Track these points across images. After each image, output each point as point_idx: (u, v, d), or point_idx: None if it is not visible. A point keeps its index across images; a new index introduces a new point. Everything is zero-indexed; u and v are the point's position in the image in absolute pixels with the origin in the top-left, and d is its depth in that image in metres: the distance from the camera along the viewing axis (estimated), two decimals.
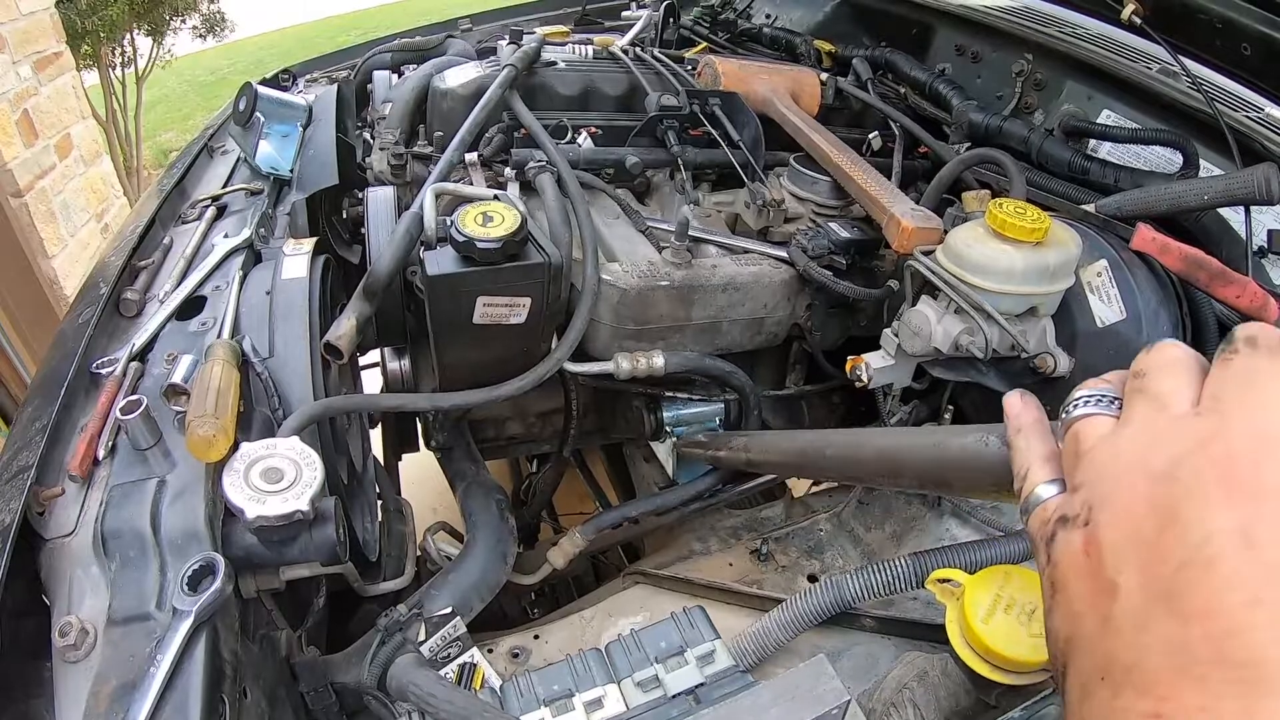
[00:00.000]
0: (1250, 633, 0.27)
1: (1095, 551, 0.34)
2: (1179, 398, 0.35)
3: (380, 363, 1.24)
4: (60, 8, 3.36)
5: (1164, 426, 0.34)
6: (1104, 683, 0.32)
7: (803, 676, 0.65)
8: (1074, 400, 0.41)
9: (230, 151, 1.52)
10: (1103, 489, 0.35)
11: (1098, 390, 0.40)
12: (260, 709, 0.67)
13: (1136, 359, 0.39)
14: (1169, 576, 0.30)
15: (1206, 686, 0.28)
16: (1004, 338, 0.93)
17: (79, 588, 0.66)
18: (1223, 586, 0.28)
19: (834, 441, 0.81)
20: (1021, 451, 0.43)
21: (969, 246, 0.92)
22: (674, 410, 1.19)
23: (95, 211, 3.35)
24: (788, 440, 0.94)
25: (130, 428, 0.74)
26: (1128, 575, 0.32)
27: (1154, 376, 0.36)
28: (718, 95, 1.26)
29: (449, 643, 0.84)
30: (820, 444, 0.83)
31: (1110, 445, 0.36)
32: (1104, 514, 0.34)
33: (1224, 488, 0.30)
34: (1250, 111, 1.07)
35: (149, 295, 1.03)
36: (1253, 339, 0.33)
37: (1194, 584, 0.29)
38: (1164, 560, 0.30)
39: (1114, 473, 0.35)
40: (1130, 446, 0.35)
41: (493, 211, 0.89)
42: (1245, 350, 0.33)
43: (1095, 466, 0.36)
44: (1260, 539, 0.28)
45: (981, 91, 1.40)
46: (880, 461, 0.70)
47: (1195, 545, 0.30)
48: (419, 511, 1.15)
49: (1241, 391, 0.32)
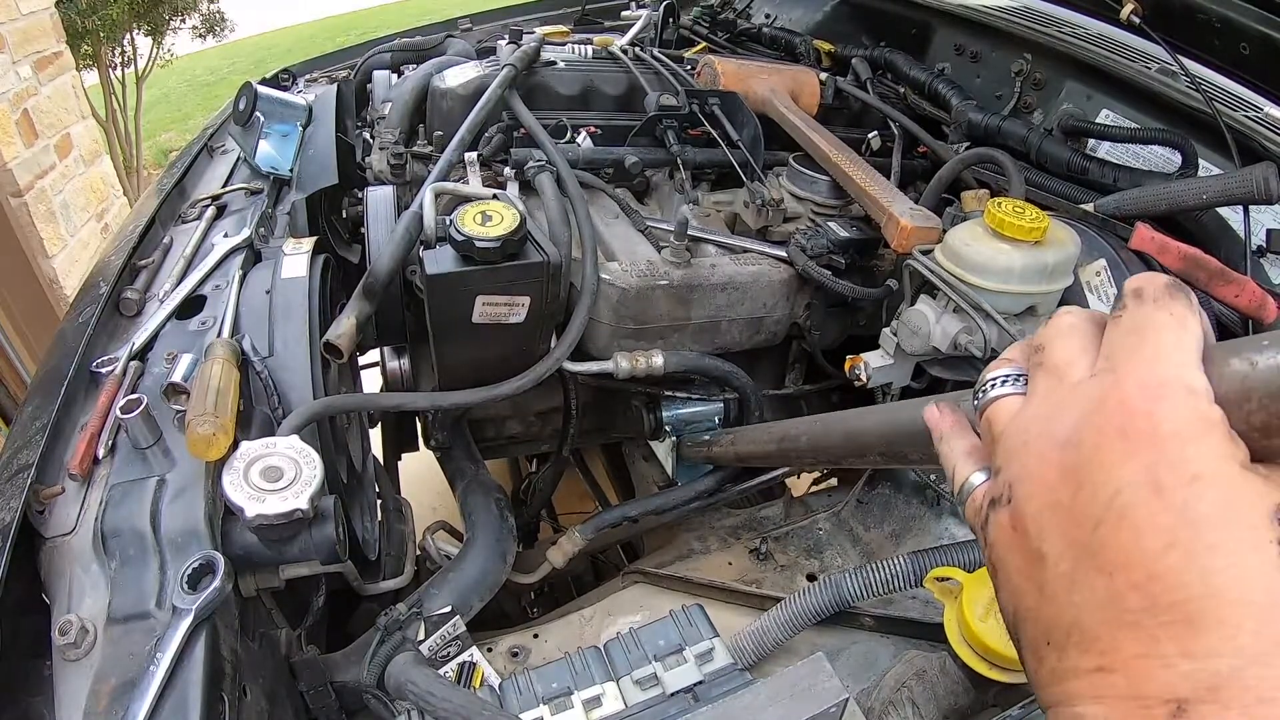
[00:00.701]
0: (1172, 574, 0.28)
1: (1020, 525, 0.35)
2: (1077, 365, 0.36)
3: (380, 362, 1.24)
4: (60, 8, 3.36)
5: (1064, 394, 0.35)
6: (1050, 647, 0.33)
7: (801, 675, 0.65)
8: (983, 384, 0.41)
9: (230, 151, 1.52)
10: (1017, 466, 0.36)
11: (1003, 371, 0.40)
12: (260, 707, 0.67)
13: (1037, 333, 0.39)
14: (1088, 536, 0.31)
15: (1142, 633, 0.29)
16: (1003, 337, 0.93)
17: (79, 586, 0.66)
18: (1138, 535, 0.29)
19: (806, 429, 0.83)
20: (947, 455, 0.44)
21: (968, 246, 0.92)
22: (673, 410, 1.19)
23: (95, 211, 3.35)
24: (766, 432, 0.96)
25: (130, 426, 0.75)
26: (1051, 541, 0.33)
27: (1051, 348, 0.37)
28: (717, 95, 1.26)
29: (448, 641, 0.84)
30: (795, 432, 0.86)
31: (1018, 423, 0.37)
32: (1021, 488, 0.35)
33: (1123, 440, 0.31)
34: (1249, 111, 1.07)
35: (149, 294, 1.03)
36: (1139, 291, 0.34)
37: (1111, 538, 0.30)
38: (1081, 522, 0.31)
39: (1025, 448, 0.36)
40: (1036, 420, 0.36)
41: (492, 211, 0.89)
42: (1132, 304, 0.34)
43: (1008, 446, 0.37)
44: (1165, 482, 0.29)
45: (981, 91, 1.40)
46: (847, 442, 0.72)
47: (1106, 501, 0.30)
48: (419, 511, 1.15)
49: (1131, 345, 0.33)
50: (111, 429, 0.78)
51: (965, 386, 1.04)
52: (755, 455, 1.01)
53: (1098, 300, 0.95)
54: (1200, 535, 0.28)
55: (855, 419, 0.72)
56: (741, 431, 1.05)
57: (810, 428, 0.83)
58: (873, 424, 0.66)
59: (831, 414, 0.82)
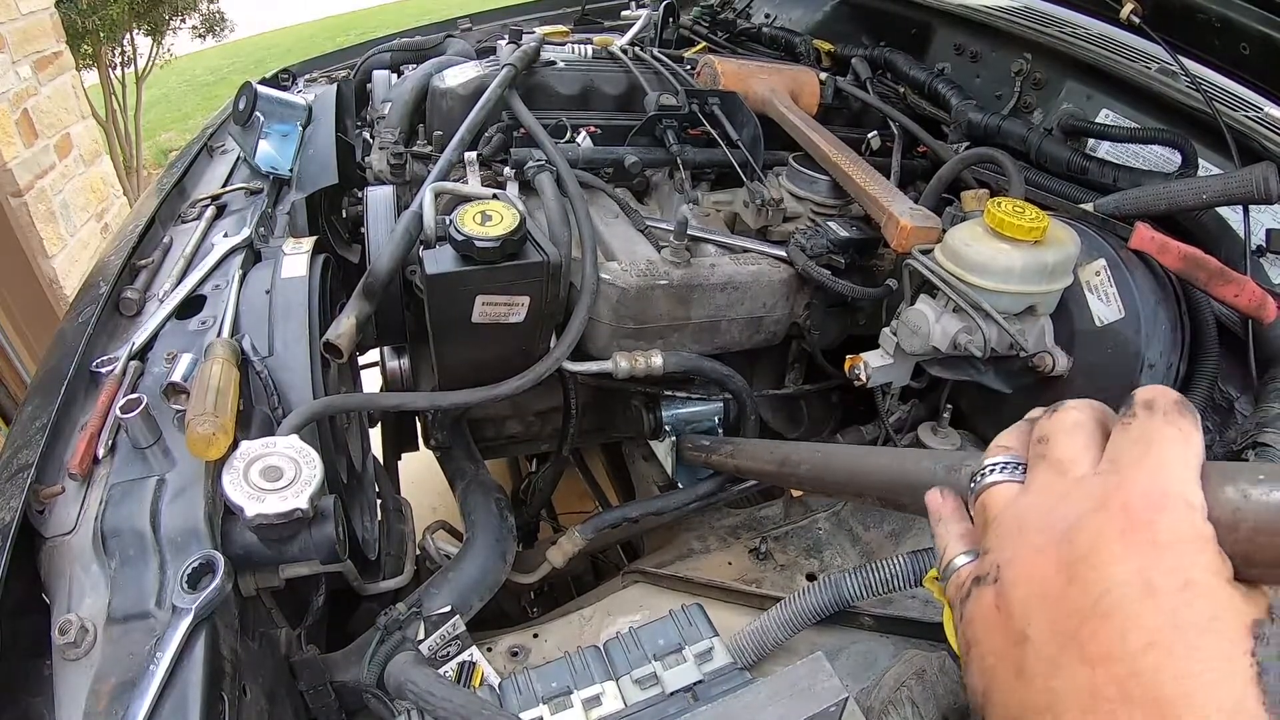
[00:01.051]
0: (1150, 673, 0.30)
1: (1005, 606, 0.36)
2: (1079, 462, 0.37)
3: (380, 362, 1.24)
4: (60, 8, 3.36)
5: (1064, 489, 0.36)
6: None
7: (801, 674, 0.65)
8: (981, 469, 0.43)
9: (230, 151, 1.52)
10: (1009, 551, 0.37)
11: (1002, 458, 0.42)
12: (260, 707, 0.67)
13: (1039, 423, 0.41)
14: (1075, 627, 0.32)
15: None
16: (1002, 337, 0.93)
17: (79, 586, 0.66)
18: (1123, 632, 0.31)
19: (808, 457, 0.85)
20: (941, 535, 0.46)
21: (967, 245, 0.92)
22: (673, 409, 1.19)
23: (95, 211, 3.35)
24: (768, 451, 0.97)
25: (130, 426, 0.75)
26: (1037, 627, 0.34)
27: (1055, 442, 0.39)
28: (717, 95, 1.26)
29: (448, 641, 0.84)
30: (796, 458, 0.87)
31: (1014, 510, 0.39)
32: (1011, 571, 0.36)
33: (1122, 542, 0.32)
34: (1249, 111, 1.07)
35: (149, 294, 1.03)
36: (1150, 403, 0.36)
37: (1098, 631, 0.32)
38: (1070, 613, 0.33)
39: (1019, 535, 0.37)
40: (1033, 510, 0.37)
41: (491, 210, 0.89)
42: (1142, 414, 0.36)
43: (1001, 531, 0.39)
44: (1157, 586, 0.31)
45: (980, 91, 1.40)
46: (847, 479, 0.74)
47: (1097, 596, 0.32)
48: (418, 510, 1.15)
49: (1138, 454, 0.34)
50: (111, 429, 0.78)
51: (964, 386, 1.05)
52: (754, 472, 1.01)
53: (1098, 300, 0.95)
54: (1183, 638, 0.30)
55: (859, 459, 0.73)
56: (742, 445, 1.05)
57: (812, 457, 0.84)
58: (875, 469, 0.68)
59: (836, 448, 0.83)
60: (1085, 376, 0.96)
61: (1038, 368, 0.96)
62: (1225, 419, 0.96)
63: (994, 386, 1.02)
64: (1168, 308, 0.93)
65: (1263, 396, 0.88)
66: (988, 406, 1.12)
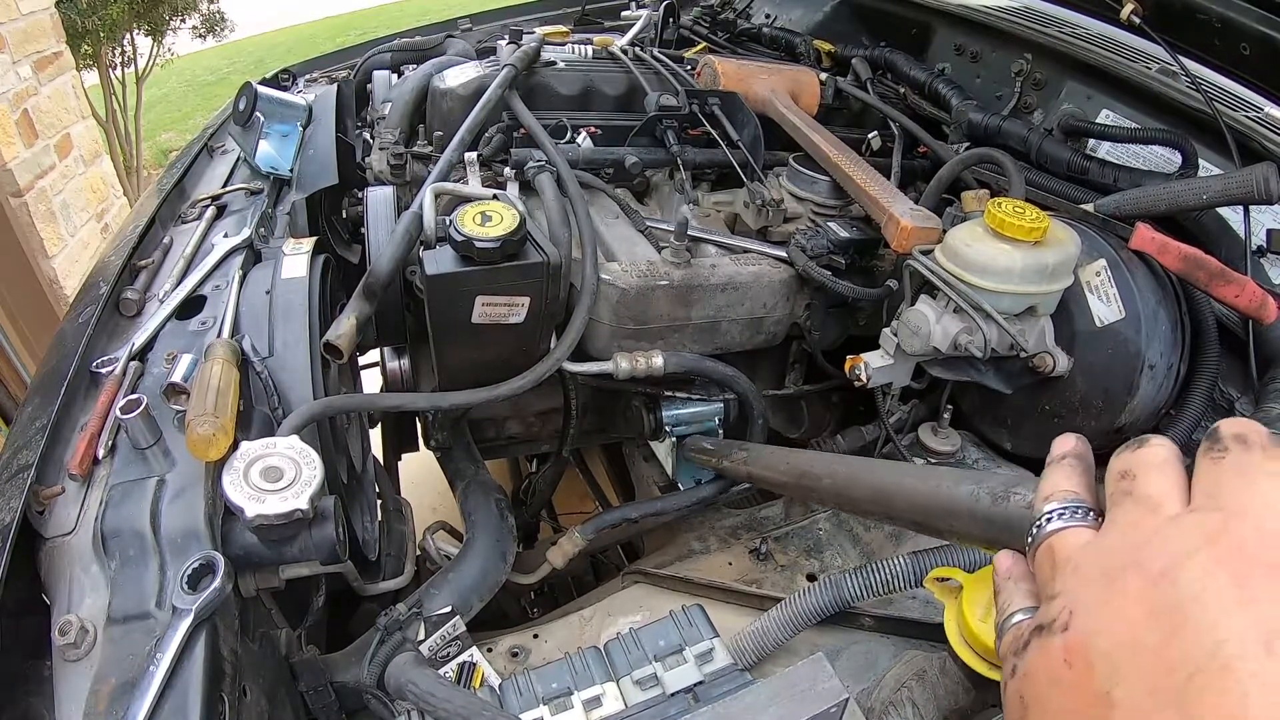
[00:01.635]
0: None
1: (1081, 661, 0.31)
2: (1173, 499, 0.33)
3: (380, 362, 1.24)
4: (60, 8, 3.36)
5: (1159, 526, 0.32)
6: None
7: (801, 675, 0.65)
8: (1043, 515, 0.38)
9: (230, 151, 1.52)
10: (1088, 594, 0.33)
11: (1067, 502, 0.38)
12: (260, 708, 0.67)
13: (1120, 458, 0.37)
14: (1179, 686, 0.28)
15: None
16: (1003, 337, 0.93)
17: (79, 586, 0.66)
18: (1242, 694, 0.26)
19: (829, 471, 0.80)
20: (1004, 590, 0.42)
21: (968, 246, 0.92)
22: (673, 409, 1.19)
23: (95, 211, 3.35)
24: (786, 462, 0.93)
25: (130, 427, 0.75)
26: (1127, 687, 0.29)
27: (1145, 478, 0.35)
28: (717, 95, 1.26)
29: (448, 642, 0.84)
30: (817, 471, 0.82)
31: (1095, 550, 0.34)
32: (1091, 620, 0.32)
33: (1237, 588, 0.28)
34: (1249, 111, 1.07)
35: (149, 295, 1.03)
36: (1242, 436, 0.33)
37: (1208, 692, 0.27)
38: (1171, 669, 0.28)
39: (1103, 577, 0.33)
40: (1121, 549, 0.33)
41: (491, 211, 0.89)
42: (1236, 448, 0.32)
43: (1078, 573, 0.34)
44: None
45: (981, 91, 1.40)
46: (874, 500, 0.70)
47: (1209, 651, 0.27)
48: (419, 511, 1.15)
49: (1242, 488, 0.31)
50: (111, 429, 0.78)
51: (965, 387, 1.05)
52: (769, 481, 0.97)
53: (1098, 300, 0.95)
54: None
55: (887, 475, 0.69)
56: (757, 452, 1.02)
57: (833, 470, 0.79)
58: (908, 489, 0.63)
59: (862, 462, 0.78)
60: (1085, 377, 0.96)
61: (1038, 368, 0.96)
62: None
63: (994, 387, 1.02)
64: (1168, 308, 0.93)
65: (1263, 397, 0.88)
66: (988, 407, 1.12)
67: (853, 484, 0.74)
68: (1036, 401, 1.02)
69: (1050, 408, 1.01)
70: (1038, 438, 1.05)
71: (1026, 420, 1.06)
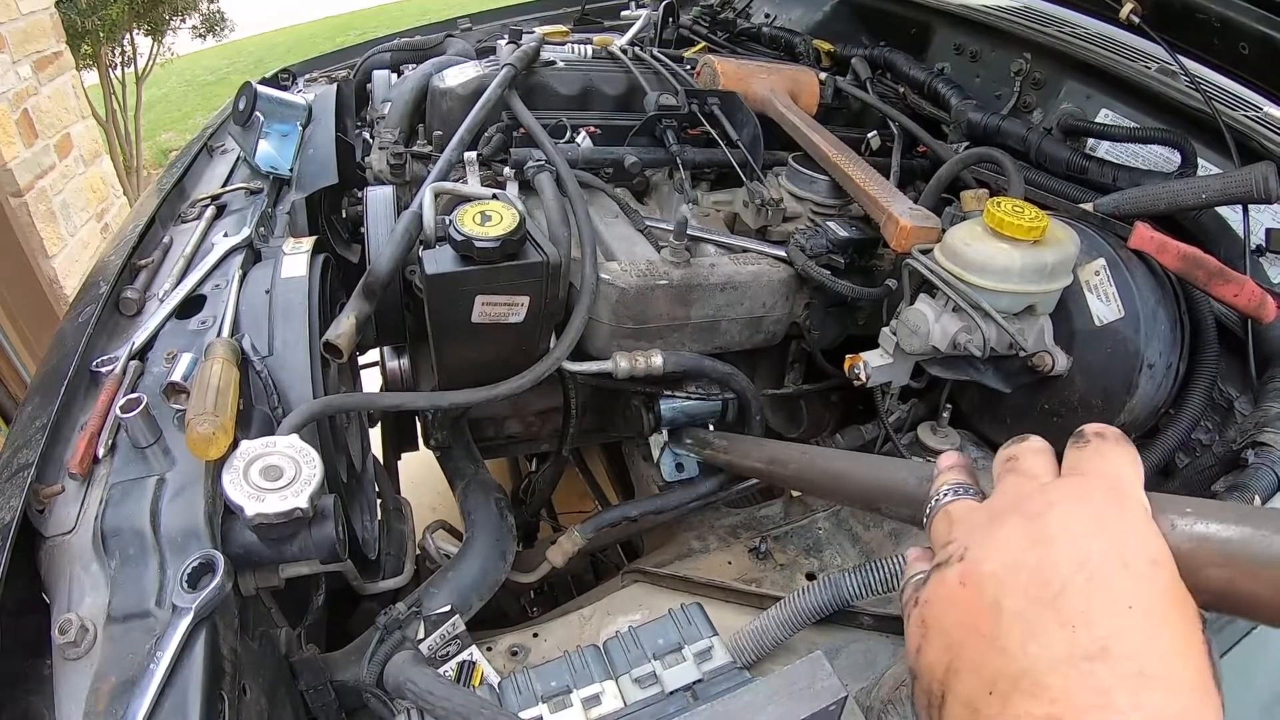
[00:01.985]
0: (1128, 634, 0.32)
1: (973, 581, 0.38)
2: (1046, 472, 0.43)
3: (380, 361, 1.24)
4: (60, 8, 3.36)
5: (1034, 489, 0.41)
6: (993, 696, 0.35)
7: (800, 673, 0.65)
8: (938, 492, 0.47)
9: (230, 151, 1.52)
10: (978, 534, 0.40)
11: (958, 481, 0.47)
12: (259, 706, 0.67)
13: (1006, 449, 0.46)
14: (1053, 593, 0.35)
15: (1096, 682, 0.32)
16: (1002, 336, 0.93)
17: (79, 585, 0.66)
18: (1107, 597, 0.34)
19: (795, 457, 0.89)
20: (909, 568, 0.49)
21: (967, 245, 0.92)
22: (672, 408, 1.19)
23: (95, 211, 3.35)
24: (758, 449, 1.00)
25: (130, 426, 0.75)
26: (1012, 596, 0.36)
27: (1025, 458, 0.44)
28: (716, 95, 1.26)
29: (448, 640, 0.84)
30: (784, 458, 0.91)
31: (983, 508, 0.43)
32: (980, 550, 0.39)
33: (1093, 523, 0.37)
34: (1248, 110, 1.07)
35: (149, 294, 1.03)
36: (1100, 432, 0.42)
37: (1076, 596, 0.34)
38: (1047, 581, 0.35)
39: (990, 522, 0.41)
40: (1003, 506, 0.41)
41: (491, 211, 0.89)
42: (1095, 439, 0.41)
43: (967, 522, 0.43)
44: (1131, 561, 0.35)
45: (980, 91, 1.40)
46: (828, 481, 0.79)
47: (1076, 565, 0.35)
48: (418, 510, 1.15)
49: (1097, 461, 0.40)
50: (111, 428, 0.78)
51: (964, 386, 1.05)
52: (744, 468, 1.05)
53: (1097, 299, 0.95)
54: (1158, 608, 0.33)
55: (842, 462, 0.77)
56: (735, 441, 1.08)
57: (799, 458, 0.88)
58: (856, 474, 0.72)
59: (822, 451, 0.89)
60: (1084, 376, 0.96)
61: (1037, 367, 0.96)
62: (1225, 418, 0.96)
63: (993, 386, 1.02)
64: (1167, 307, 0.94)
65: (1262, 396, 0.88)
66: (987, 406, 1.12)
67: (811, 468, 0.84)
68: (1035, 400, 1.02)
69: (1049, 407, 1.01)
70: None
71: (1025, 419, 1.06)
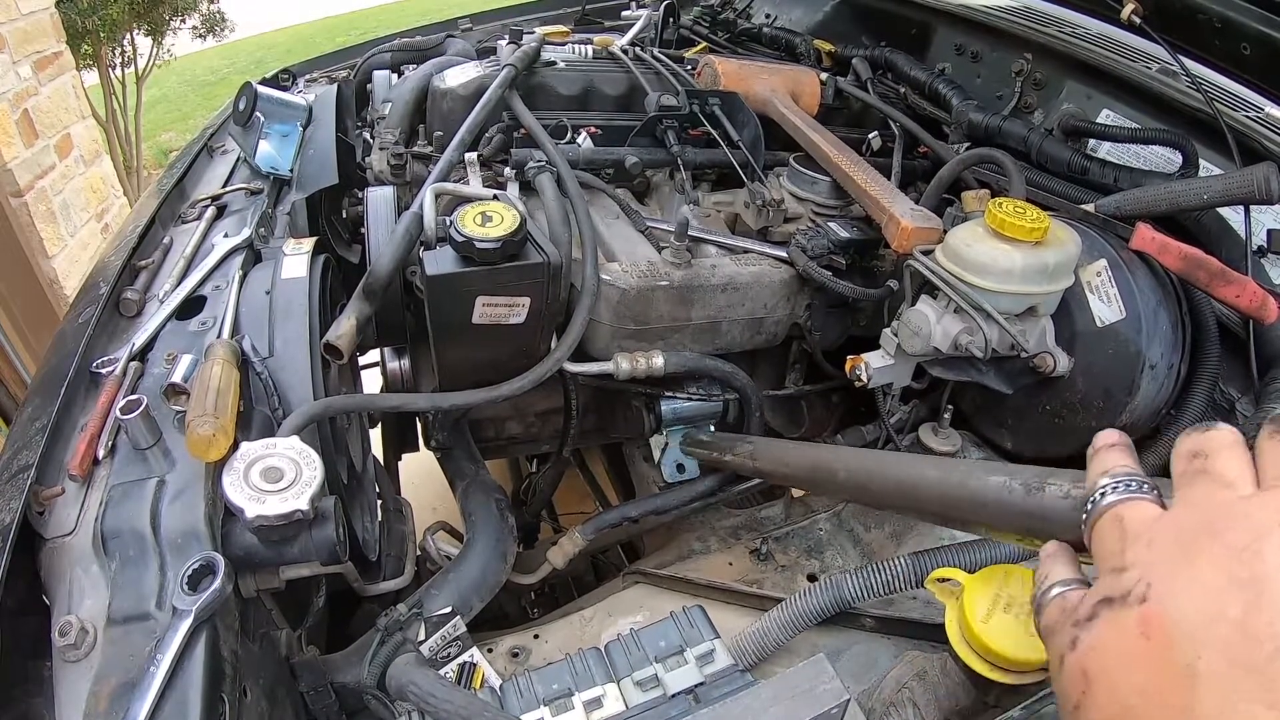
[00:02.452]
0: None
1: (1160, 633, 0.30)
2: (1245, 478, 0.34)
3: (380, 363, 1.24)
4: (60, 8, 3.36)
5: (1236, 502, 0.33)
6: None
7: (802, 676, 0.65)
8: (1099, 488, 0.39)
9: (230, 151, 1.52)
10: (1166, 567, 0.32)
11: (1123, 476, 0.38)
12: (260, 708, 0.67)
13: (1189, 439, 0.37)
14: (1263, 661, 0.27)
15: None
16: (1003, 337, 0.93)
17: (79, 587, 0.66)
18: None
19: (845, 464, 0.78)
20: (1044, 565, 0.42)
21: (968, 246, 0.92)
22: (673, 409, 1.19)
23: (95, 211, 3.35)
24: (797, 454, 0.92)
25: (130, 427, 0.74)
26: (1210, 659, 0.29)
27: (1218, 457, 0.35)
28: (717, 95, 1.26)
29: (449, 642, 0.84)
30: (834, 463, 0.81)
31: (1170, 524, 0.34)
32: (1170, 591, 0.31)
33: None
34: (1250, 111, 1.07)
35: (149, 295, 1.03)
36: None
37: None
38: (1257, 640, 0.28)
39: (1179, 549, 0.32)
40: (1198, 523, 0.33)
41: (492, 211, 0.89)
42: None
43: (1153, 545, 0.34)
44: None
45: (981, 91, 1.40)
46: (898, 492, 0.69)
47: None
48: (419, 511, 1.15)
49: None
50: (111, 430, 0.78)
51: (965, 387, 1.05)
52: (779, 476, 0.96)
53: (1099, 300, 0.95)
54: None
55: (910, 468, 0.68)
56: (766, 445, 1.01)
57: (850, 464, 0.78)
58: (933, 481, 0.63)
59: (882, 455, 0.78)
60: (1086, 377, 0.96)
61: (1039, 368, 0.96)
62: (1226, 420, 0.96)
63: (995, 387, 1.02)
64: (1169, 308, 0.93)
65: (1264, 397, 0.88)
66: (989, 407, 1.12)
67: (873, 477, 0.73)
68: (1037, 402, 1.02)
69: (1051, 408, 1.01)
70: (1038, 438, 1.05)
71: (1027, 420, 1.06)
